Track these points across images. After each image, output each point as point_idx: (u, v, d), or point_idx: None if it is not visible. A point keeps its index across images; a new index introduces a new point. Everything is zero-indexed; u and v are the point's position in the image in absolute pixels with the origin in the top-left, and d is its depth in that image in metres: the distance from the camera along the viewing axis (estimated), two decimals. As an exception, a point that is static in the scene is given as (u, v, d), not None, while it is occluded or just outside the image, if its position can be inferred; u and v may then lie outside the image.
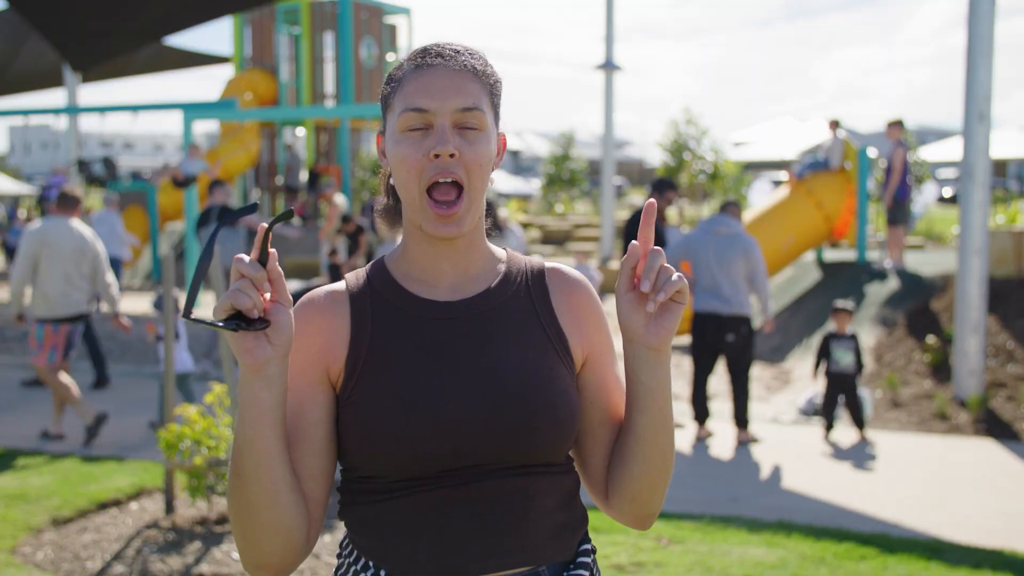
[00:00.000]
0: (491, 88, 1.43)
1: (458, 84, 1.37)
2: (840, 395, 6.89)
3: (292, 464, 1.35)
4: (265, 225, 1.23)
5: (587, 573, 1.42)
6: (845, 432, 7.17)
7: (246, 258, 1.23)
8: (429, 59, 1.39)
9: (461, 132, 1.37)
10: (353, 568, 1.40)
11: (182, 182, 13.07)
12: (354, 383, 1.37)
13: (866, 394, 7.12)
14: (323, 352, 1.39)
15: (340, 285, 1.44)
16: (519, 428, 1.35)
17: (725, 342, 6.70)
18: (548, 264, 1.52)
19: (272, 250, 1.25)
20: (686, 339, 10.68)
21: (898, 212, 11.38)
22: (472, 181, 1.38)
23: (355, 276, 1.46)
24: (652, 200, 1.32)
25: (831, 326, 7.16)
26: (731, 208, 6.94)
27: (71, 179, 18.06)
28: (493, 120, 1.42)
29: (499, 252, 1.51)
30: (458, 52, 1.40)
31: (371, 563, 1.38)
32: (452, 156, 1.35)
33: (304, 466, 1.37)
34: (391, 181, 1.48)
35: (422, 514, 1.34)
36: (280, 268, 1.26)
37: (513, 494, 1.37)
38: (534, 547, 1.38)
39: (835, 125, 12.86)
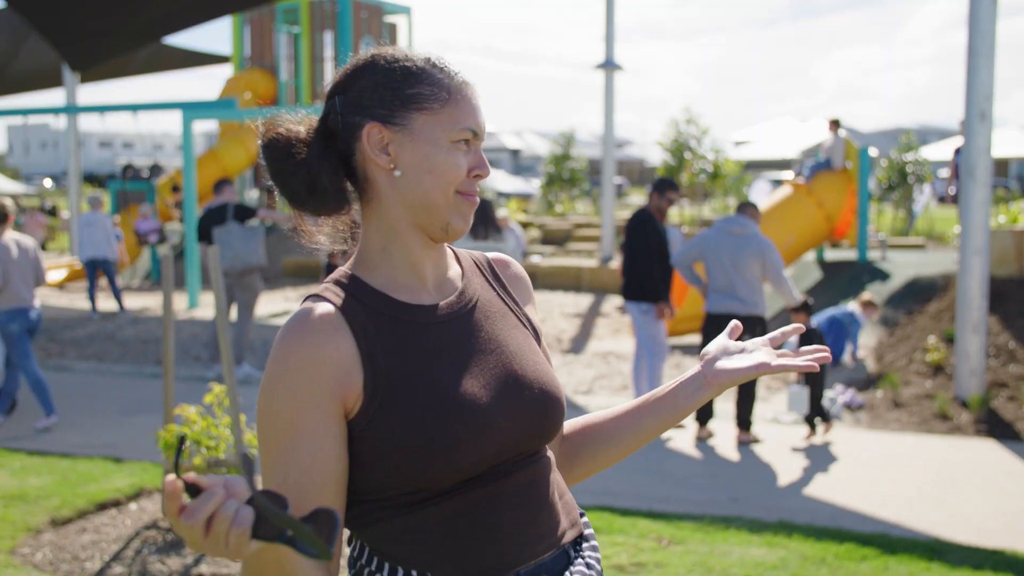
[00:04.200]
0: None
1: (481, 112, 1.45)
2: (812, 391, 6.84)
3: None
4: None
5: (596, 542, 1.50)
6: (844, 432, 7.16)
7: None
8: (466, 78, 1.44)
9: None
10: (368, 568, 1.38)
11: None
12: (378, 405, 1.32)
13: (800, 392, 6.93)
14: (338, 381, 1.32)
15: (328, 308, 1.36)
16: (546, 416, 1.42)
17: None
18: (489, 254, 1.61)
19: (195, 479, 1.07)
20: (688, 339, 10.69)
21: None
22: None
23: (334, 295, 1.38)
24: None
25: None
26: (749, 209, 6.89)
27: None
28: None
29: (447, 249, 1.56)
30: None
31: (413, 572, 1.35)
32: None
33: (329, 504, 1.33)
34: (397, 174, 1.40)
35: (466, 514, 1.35)
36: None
37: (537, 480, 1.42)
38: (559, 527, 1.44)
39: (835, 125, 12.86)
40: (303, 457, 1.30)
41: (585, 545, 1.47)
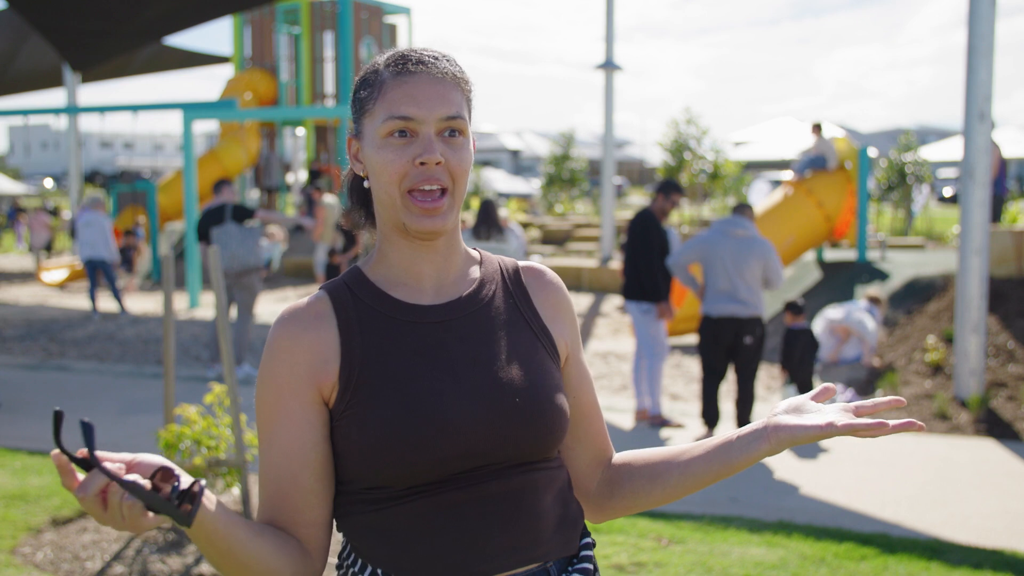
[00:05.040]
0: (468, 94, 1.43)
1: (441, 92, 1.37)
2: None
3: (289, 494, 1.35)
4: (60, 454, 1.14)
5: (591, 566, 1.44)
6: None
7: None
8: (411, 66, 1.38)
9: (445, 139, 1.38)
10: (347, 562, 1.40)
11: None
12: (351, 395, 1.35)
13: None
14: (314, 369, 1.36)
15: (321, 295, 1.42)
16: (524, 426, 1.37)
17: (742, 344, 6.65)
18: (521, 263, 1.55)
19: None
20: (688, 339, 10.69)
21: (995, 209, 11.27)
22: (456, 186, 1.39)
23: (334, 286, 1.44)
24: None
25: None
26: (747, 211, 6.88)
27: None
28: (469, 125, 1.44)
29: (473, 253, 1.53)
30: (437, 59, 1.40)
31: (379, 571, 1.36)
32: (438, 164, 1.36)
33: (307, 492, 1.36)
34: (366, 184, 1.46)
35: (434, 517, 1.34)
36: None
37: (519, 491, 1.38)
38: (542, 543, 1.39)
39: (817, 129, 12.85)
40: (283, 440, 1.36)
41: (577, 565, 1.43)
